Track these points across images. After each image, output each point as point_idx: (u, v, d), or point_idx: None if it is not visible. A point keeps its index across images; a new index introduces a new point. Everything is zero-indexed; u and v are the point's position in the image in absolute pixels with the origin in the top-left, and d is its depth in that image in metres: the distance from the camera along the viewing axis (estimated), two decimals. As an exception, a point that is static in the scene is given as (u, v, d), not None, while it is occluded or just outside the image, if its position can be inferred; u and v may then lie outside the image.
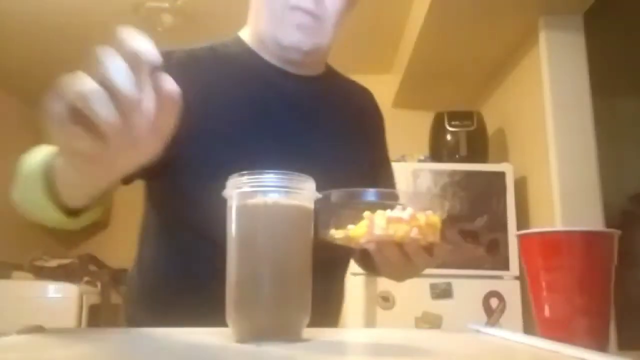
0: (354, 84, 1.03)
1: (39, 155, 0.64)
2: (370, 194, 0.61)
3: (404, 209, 0.60)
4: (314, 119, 0.90)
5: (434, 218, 0.61)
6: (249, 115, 0.83)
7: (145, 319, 0.85)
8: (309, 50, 0.84)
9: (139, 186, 0.92)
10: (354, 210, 0.60)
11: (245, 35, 0.92)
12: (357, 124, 0.97)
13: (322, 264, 0.60)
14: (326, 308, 0.90)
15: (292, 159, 0.61)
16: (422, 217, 0.59)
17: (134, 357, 0.47)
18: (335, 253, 0.72)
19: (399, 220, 0.58)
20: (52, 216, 0.63)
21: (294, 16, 0.81)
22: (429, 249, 0.65)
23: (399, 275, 0.85)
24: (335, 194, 0.61)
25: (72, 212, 0.63)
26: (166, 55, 0.59)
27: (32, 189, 0.62)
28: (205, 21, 2.98)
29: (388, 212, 0.58)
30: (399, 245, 0.61)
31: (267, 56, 0.88)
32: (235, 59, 0.88)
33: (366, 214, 0.58)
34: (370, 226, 0.58)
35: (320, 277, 0.84)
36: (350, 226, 0.60)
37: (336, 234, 0.61)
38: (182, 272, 0.84)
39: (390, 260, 0.64)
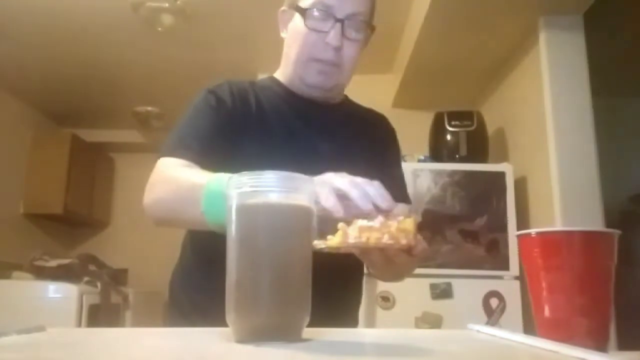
0: (370, 110, 1.20)
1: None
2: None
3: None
4: (335, 138, 1.07)
5: (406, 223, 0.65)
6: (279, 133, 1.03)
7: (187, 294, 1.03)
8: (329, 88, 1.05)
9: (138, 188, 0.92)
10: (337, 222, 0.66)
11: (278, 75, 1.13)
12: (372, 143, 1.12)
13: (339, 270, 0.74)
14: (344, 310, 1.05)
15: (311, 172, 0.65)
16: (394, 224, 0.64)
17: (134, 357, 0.47)
18: (350, 259, 0.82)
19: (370, 228, 0.63)
20: None
21: (317, 65, 1.01)
22: (408, 250, 0.70)
23: (390, 276, 0.95)
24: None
25: None
26: (226, 84, 1.04)
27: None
28: (205, 21, 2.98)
29: (360, 222, 0.64)
30: (380, 249, 0.68)
31: (294, 89, 1.08)
32: (268, 89, 1.09)
33: (340, 225, 0.63)
34: (344, 235, 0.63)
35: (338, 282, 0.96)
36: (329, 237, 0.65)
37: (317, 245, 0.66)
38: (215, 249, 0.97)
39: (376, 263, 0.73)
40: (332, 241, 0.64)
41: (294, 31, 1.03)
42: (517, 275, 2.38)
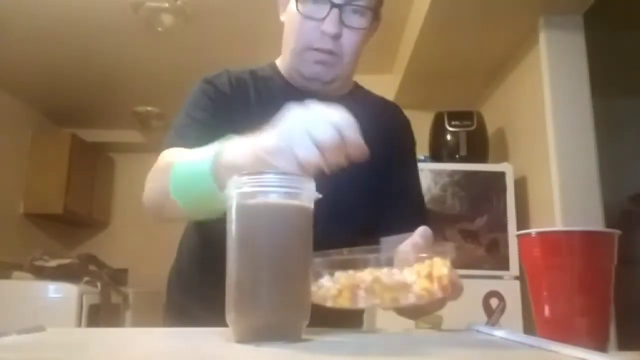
0: (380, 101, 1.10)
1: (198, 159, 0.71)
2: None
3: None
4: None
5: (439, 268, 0.59)
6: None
7: (183, 298, 1.02)
8: (328, 81, 0.95)
9: (138, 188, 0.92)
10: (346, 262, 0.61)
11: (279, 62, 1.04)
12: (378, 138, 1.01)
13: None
14: (349, 311, 0.98)
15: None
16: (423, 270, 0.57)
17: (134, 357, 0.47)
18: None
19: (391, 288, 0.58)
20: (218, 206, 0.66)
21: (314, 55, 0.92)
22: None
23: (418, 316, 0.87)
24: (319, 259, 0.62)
25: None
26: (225, 74, 0.98)
27: (202, 184, 0.68)
28: (205, 21, 2.98)
29: (378, 273, 0.57)
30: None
31: (292, 81, 1.00)
32: (269, 80, 1.01)
33: (349, 283, 0.58)
34: (353, 298, 0.59)
35: None
36: (328, 281, 0.59)
37: (325, 302, 0.61)
38: (209, 254, 0.96)
39: (405, 312, 0.66)
40: (340, 302, 0.59)
41: (290, 17, 0.94)
42: (517, 275, 2.38)
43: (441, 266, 0.59)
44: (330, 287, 0.60)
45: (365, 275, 0.59)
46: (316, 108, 0.62)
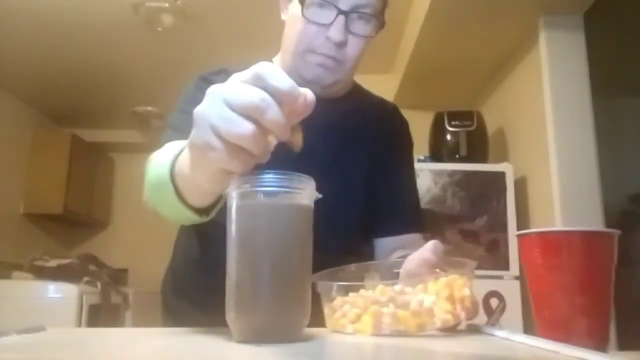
0: (378, 102, 1.08)
1: (164, 160, 0.67)
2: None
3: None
4: (333, 139, 0.97)
5: (460, 288, 0.58)
6: None
7: (178, 302, 1.02)
8: (329, 85, 0.92)
9: (138, 188, 0.92)
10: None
11: (277, 61, 1.00)
12: (375, 141, 1.01)
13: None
14: None
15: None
16: (442, 293, 0.55)
17: (134, 357, 0.47)
18: (353, 259, 0.78)
19: (416, 313, 0.56)
20: (188, 217, 0.67)
21: (316, 58, 0.89)
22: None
23: None
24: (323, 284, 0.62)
25: (202, 210, 0.66)
26: (222, 73, 0.93)
27: (166, 194, 0.65)
28: (205, 21, 2.98)
29: (391, 303, 0.55)
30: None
31: None
32: None
33: (371, 309, 0.56)
34: (376, 325, 0.57)
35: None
36: (352, 308, 0.58)
37: (344, 329, 0.59)
38: (206, 257, 0.98)
39: None
40: (360, 328, 0.58)
41: (292, 18, 0.91)
42: (517, 275, 2.38)
43: (462, 286, 0.58)
44: (348, 310, 0.59)
45: (378, 294, 0.58)
46: (233, 77, 0.50)
